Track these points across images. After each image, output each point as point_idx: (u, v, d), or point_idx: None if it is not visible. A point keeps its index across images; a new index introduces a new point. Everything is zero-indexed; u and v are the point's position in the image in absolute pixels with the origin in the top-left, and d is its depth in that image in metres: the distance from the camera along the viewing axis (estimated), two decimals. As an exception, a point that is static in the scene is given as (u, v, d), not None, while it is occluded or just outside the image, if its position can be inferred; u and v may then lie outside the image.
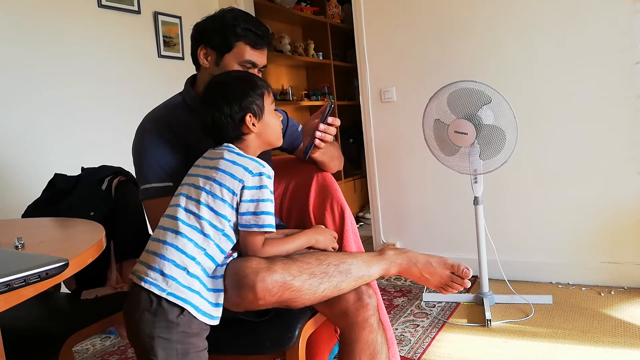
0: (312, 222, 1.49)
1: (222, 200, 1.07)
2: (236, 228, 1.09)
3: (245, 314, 1.19)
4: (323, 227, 1.36)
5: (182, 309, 1.02)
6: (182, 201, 1.09)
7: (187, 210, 1.07)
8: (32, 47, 2.28)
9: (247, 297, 1.05)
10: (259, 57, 1.34)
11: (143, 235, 1.66)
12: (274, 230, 1.10)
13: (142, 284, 1.02)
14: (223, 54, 1.32)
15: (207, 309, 1.05)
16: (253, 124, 1.15)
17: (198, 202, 1.07)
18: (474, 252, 2.32)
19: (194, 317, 1.03)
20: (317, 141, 1.33)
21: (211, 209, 1.06)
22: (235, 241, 1.11)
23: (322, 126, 1.33)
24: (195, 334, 1.04)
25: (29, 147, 2.26)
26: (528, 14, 2.50)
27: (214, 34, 1.32)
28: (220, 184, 1.08)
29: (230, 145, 1.16)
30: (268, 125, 1.19)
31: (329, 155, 1.51)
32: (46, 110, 2.33)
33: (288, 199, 1.60)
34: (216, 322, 1.07)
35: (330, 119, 1.35)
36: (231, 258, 1.12)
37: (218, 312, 1.07)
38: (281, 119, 1.25)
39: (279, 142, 1.24)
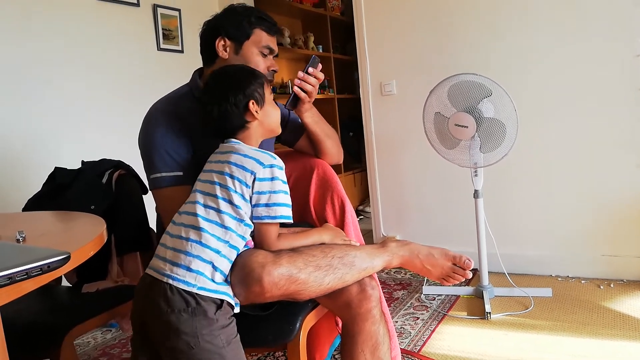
0: (312, 216, 1.49)
1: (235, 192, 1.09)
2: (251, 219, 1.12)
3: (250, 308, 1.19)
4: (336, 229, 1.38)
5: (218, 305, 1.04)
6: (199, 197, 1.11)
7: (205, 205, 1.09)
8: (31, 42, 2.27)
9: (254, 290, 1.06)
10: (274, 43, 1.40)
11: (144, 229, 1.66)
12: (291, 220, 1.12)
13: (171, 281, 1.03)
14: (242, 43, 1.37)
15: (232, 298, 1.09)
16: (256, 111, 1.18)
17: (215, 196, 1.09)
18: (474, 245, 2.33)
19: (229, 305, 1.07)
20: (295, 89, 1.34)
21: (228, 202, 1.09)
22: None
23: (300, 74, 1.34)
24: (229, 324, 1.07)
25: (28, 141, 2.26)
26: (529, 6, 2.48)
27: (230, 24, 1.37)
28: (233, 177, 1.10)
29: (238, 140, 1.19)
30: (269, 114, 1.22)
31: (322, 129, 1.50)
32: (45, 104, 2.32)
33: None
34: (237, 310, 1.10)
35: (310, 69, 1.35)
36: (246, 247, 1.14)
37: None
38: (279, 110, 1.28)
39: (279, 129, 1.27)
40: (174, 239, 1.09)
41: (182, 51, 2.96)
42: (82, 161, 1.75)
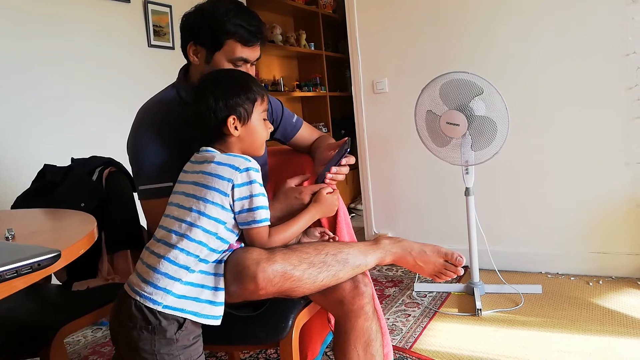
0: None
1: (213, 203, 1.05)
2: (232, 228, 1.09)
3: (240, 309, 1.19)
4: (323, 194, 1.29)
5: (180, 324, 1.02)
6: (174, 211, 1.08)
7: (178, 219, 1.06)
8: (19, 38, 2.24)
9: (249, 287, 1.06)
10: (250, 53, 1.30)
11: (134, 227, 1.65)
12: (268, 222, 1.10)
13: (138, 298, 1.02)
14: (213, 52, 1.28)
15: (208, 311, 1.05)
16: (235, 127, 1.12)
17: (190, 209, 1.05)
18: (465, 243, 2.34)
19: (194, 325, 1.04)
20: (327, 181, 1.30)
21: (203, 214, 1.05)
22: (230, 241, 1.10)
23: (334, 169, 1.29)
24: (193, 343, 1.05)
25: (17, 137, 2.23)
26: (522, 4, 2.50)
27: (203, 30, 1.28)
28: (209, 188, 1.06)
29: (214, 149, 1.13)
30: (252, 133, 1.15)
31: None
32: (34, 101, 2.29)
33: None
34: (218, 322, 1.07)
35: (344, 160, 1.31)
36: (230, 251, 1.11)
37: (220, 311, 1.07)
38: (271, 130, 1.22)
39: (260, 153, 1.19)
40: (149, 254, 1.07)
41: (172, 48, 2.94)
42: (72, 158, 1.73)
